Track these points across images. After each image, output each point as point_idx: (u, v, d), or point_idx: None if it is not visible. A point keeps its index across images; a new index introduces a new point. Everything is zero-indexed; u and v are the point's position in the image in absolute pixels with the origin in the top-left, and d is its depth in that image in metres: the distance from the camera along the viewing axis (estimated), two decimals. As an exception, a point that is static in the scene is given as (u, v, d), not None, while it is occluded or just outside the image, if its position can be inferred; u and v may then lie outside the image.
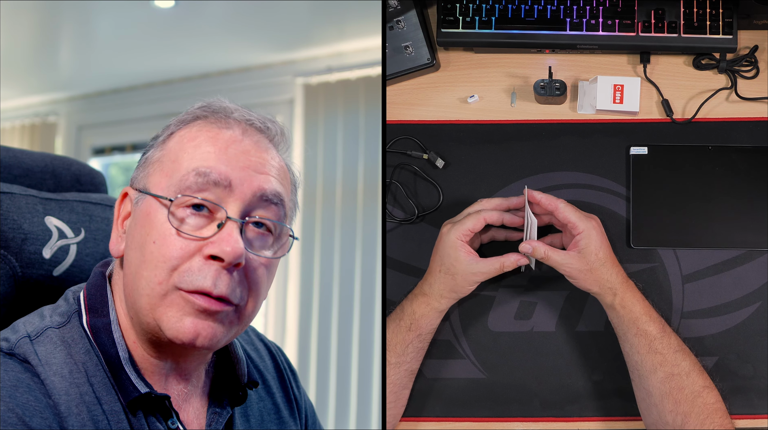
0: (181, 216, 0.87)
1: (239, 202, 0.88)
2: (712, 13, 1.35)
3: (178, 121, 0.95)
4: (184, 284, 0.86)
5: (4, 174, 1.09)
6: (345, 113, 3.41)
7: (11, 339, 0.87)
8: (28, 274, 1.03)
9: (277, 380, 1.11)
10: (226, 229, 0.86)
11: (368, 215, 3.23)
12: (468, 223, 1.21)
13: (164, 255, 0.86)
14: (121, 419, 0.86)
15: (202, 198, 0.87)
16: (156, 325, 0.87)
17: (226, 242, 0.85)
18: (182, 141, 0.92)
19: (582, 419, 1.31)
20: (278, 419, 1.07)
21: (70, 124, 4.49)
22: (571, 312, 1.33)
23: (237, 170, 0.89)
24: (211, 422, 0.95)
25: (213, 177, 0.88)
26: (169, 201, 0.87)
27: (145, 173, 0.93)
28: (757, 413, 1.28)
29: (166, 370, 0.93)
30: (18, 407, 0.79)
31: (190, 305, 0.86)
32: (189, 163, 0.89)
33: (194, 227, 0.87)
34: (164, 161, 0.91)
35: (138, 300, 0.88)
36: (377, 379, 3.18)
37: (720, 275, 1.32)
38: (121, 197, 0.95)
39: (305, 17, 3.13)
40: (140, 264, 0.87)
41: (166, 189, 0.89)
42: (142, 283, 0.87)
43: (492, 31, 1.39)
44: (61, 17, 3.30)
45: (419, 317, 1.24)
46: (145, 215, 0.89)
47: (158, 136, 0.95)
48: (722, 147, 1.36)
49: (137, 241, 0.89)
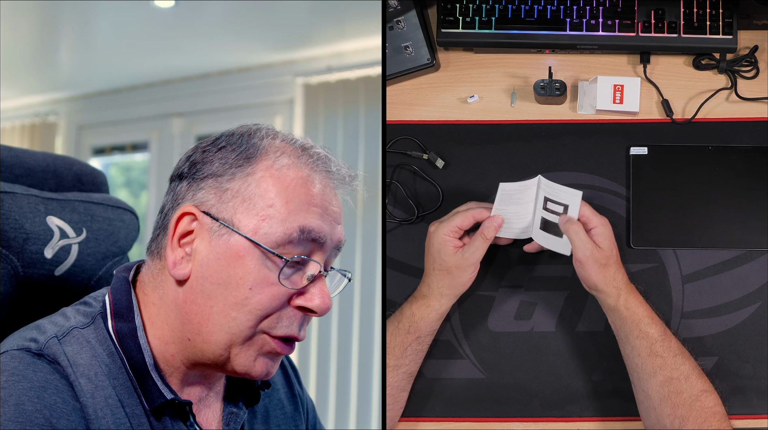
0: (278, 264, 0.89)
1: (324, 254, 0.93)
2: (712, 13, 1.35)
3: (266, 146, 0.92)
4: (274, 331, 0.90)
5: (5, 174, 1.09)
6: (345, 113, 3.41)
7: (40, 340, 0.87)
8: (30, 273, 1.03)
9: (281, 377, 1.12)
10: (319, 283, 0.91)
11: (368, 215, 3.24)
12: (456, 220, 1.22)
13: (262, 303, 0.88)
14: (143, 421, 0.88)
15: (307, 258, 0.90)
16: (226, 358, 0.90)
17: (320, 296, 0.90)
18: (278, 182, 0.90)
19: (582, 419, 1.31)
20: (283, 415, 1.08)
21: (70, 124, 4.49)
22: (571, 312, 1.34)
23: (329, 226, 0.92)
24: (229, 421, 0.98)
25: (314, 235, 0.90)
26: (282, 260, 0.88)
27: (230, 206, 0.90)
28: (757, 413, 1.28)
29: (192, 378, 0.95)
30: (46, 409, 0.81)
31: (269, 348, 0.90)
32: (294, 218, 0.89)
33: (286, 276, 0.90)
34: (255, 200, 0.89)
35: (216, 334, 0.89)
36: (377, 379, 3.19)
37: (720, 275, 1.32)
38: (181, 215, 0.91)
39: (305, 17, 3.13)
40: (229, 305, 0.88)
41: (264, 236, 0.88)
42: (230, 323, 0.88)
43: (492, 31, 1.39)
44: (61, 17, 3.30)
45: (418, 320, 1.24)
46: (236, 256, 0.88)
47: (230, 159, 0.91)
48: (722, 147, 1.36)
49: (223, 278, 0.88)
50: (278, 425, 1.06)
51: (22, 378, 0.82)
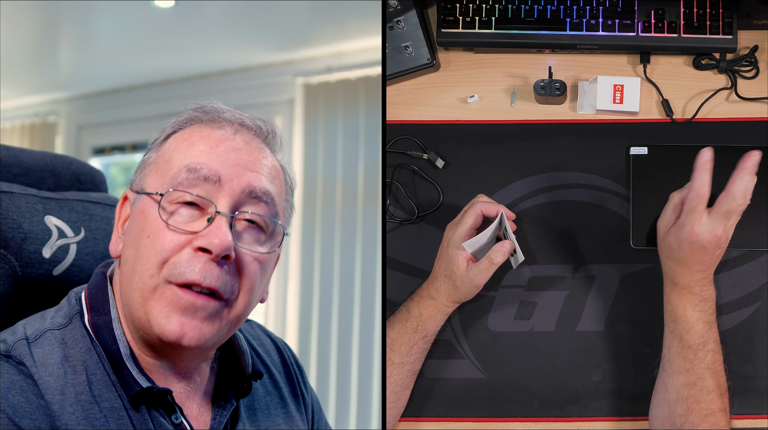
0: (171, 211, 0.90)
1: (228, 197, 0.90)
2: (712, 13, 1.35)
3: (174, 124, 0.98)
4: (174, 277, 0.87)
5: (3, 173, 1.09)
6: (345, 113, 3.41)
7: (8, 341, 0.88)
8: (28, 273, 1.03)
9: (284, 375, 1.12)
10: (215, 223, 0.88)
11: (368, 215, 3.23)
12: (468, 220, 1.22)
13: (156, 248, 0.88)
14: (121, 415, 0.87)
15: (193, 193, 0.90)
16: (146, 320, 0.89)
17: (215, 234, 0.87)
18: (176, 142, 0.95)
19: (582, 419, 1.31)
20: (285, 413, 1.07)
21: (70, 124, 4.49)
22: (571, 312, 1.33)
23: (227, 167, 0.91)
24: (216, 415, 0.96)
25: (203, 173, 0.90)
26: (159, 196, 0.90)
27: (142, 175, 0.96)
28: (757, 413, 1.28)
29: (164, 369, 0.94)
30: (9, 408, 0.81)
31: (177, 300, 0.87)
32: (181, 161, 0.92)
33: (185, 221, 0.89)
34: (159, 162, 0.95)
35: (131, 295, 0.90)
36: (377, 379, 3.19)
37: (720, 275, 1.32)
38: (122, 201, 0.97)
39: (305, 17, 3.13)
40: (135, 259, 0.90)
41: (160, 187, 0.91)
42: (136, 277, 0.89)
43: (492, 31, 1.39)
44: (61, 17, 3.30)
45: (426, 319, 1.24)
46: (140, 213, 0.92)
47: (156, 139, 0.98)
48: (722, 147, 1.36)
49: (133, 238, 0.91)
50: (278, 424, 1.05)
51: None
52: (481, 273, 1.20)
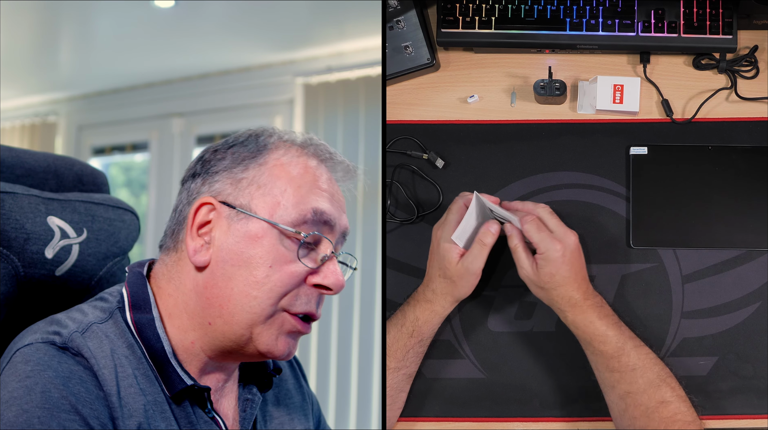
0: (295, 245, 0.95)
1: (334, 238, 0.99)
2: (712, 13, 1.35)
3: (264, 137, 1.00)
4: (293, 308, 0.95)
5: (6, 174, 1.09)
6: (345, 113, 3.41)
7: (63, 333, 0.90)
8: (31, 274, 1.03)
9: (290, 369, 1.15)
10: (333, 264, 0.97)
11: (368, 215, 3.24)
12: (453, 217, 1.22)
13: (281, 281, 0.94)
14: (164, 409, 0.92)
15: (329, 239, 0.97)
16: (248, 338, 0.94)
17: (334, 275, 0.97)
18: (287, 170, 0.97)
19: (582, 419, 1.32)
20: (292, 404, 1.11)
21: (70, 124, 4.49)
22: (571, 312, 1.33)
23: (338, 211, 0.99)
24: (245, 408, 1.02)
25: (326, 217, 0.97)
26: (302, 235, 0.95)
27: (244, 193, 0.96)
28: (757, 413, 1.28)
29: (210, 367, 0.98)
30: (71, 396, 0.85)
31: (289, 326, 0.95)
32: (307, 201, 0.96)
33: (303, 256, 0.96)
34: (268, 185, 0.96)
35: (238, 314, 0.94)
36: (377, 379, 3.19)
37: (720, 275, 1.32)
38: (199, 205, 0.97)
39: (305, 17, 3.13)
40: (249, 284, 0.94)
41: (279, 218, 0.95)
42: (251, 302, 0.93)
43: (492, 31, 1.39)
44: (61, 17, 3.30)
45: (422, 324, 1.24)
46: (254, 238, 0.94)
47: (243, 152, 0.98)
48: (722, 147, 1.36)
49: (242, 259, 0.94)
50: (289, 413, 1.09)
51: (47, 367, 0.86)
52: (476, 258, 1.20)
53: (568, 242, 1.19)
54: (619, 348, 1.19)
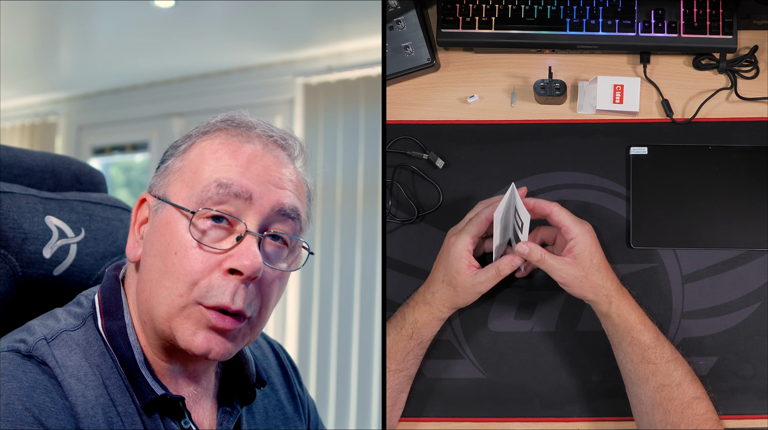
0: (201, 228, 0.89)
1: (258, 215, 0.90)
2: (712, 13, 1.35)
3: (200, 131, 0.96)
4: (204, 300, 0.88)
5: (4, 173, 1.09)
6: (345, 113, 3.41)
7: (29, 341, 0.88)
8: (29, 273, 1.03)
9: (281, 378, 1.12)
10: (246, 242, 0.88)
11: (368, 215, 3.23)
12: (472, 229, 1.20)
13: (186, 268, 0.88)
14: (135, 420, 0.88)
15: (222, 211, 0.89)
16: (171, 334, 0.89)
17: (246, 255, 0.87)
18: (203, 152, 0.93)
19: (582, 419, 1.31)
20: (283, 415, 1.08)
21: (70, 124, 4.49)
22: (571, 312, 1.33)
23: (257, 184, 0.91)
24: (222, 421, 0.97)
25: (234, 189, 0.89)
26: (191, 213, 0.89)
27: (165, 182, 0.94)
28: (757, 413, 1.28)
29: (176, 373, 0.94)
30: (35, 407, 0.81)
31: (206, 320, 0.88)
32: (210, 175, 0.90)
33: (214, 239, 0.89)
34: (185, 171, 0.93)
35: (156, 307, 0.89)
36: (377, 379, 3.19)
37: (720, 275, 1.32)
38: (139, 203, 0.96)
39: (305, 17, 3.13)
40: (161, 273, 0.89)
41: (187, 200, 0.90)
42: (163, 292, 0.89)
43: (492, 31, 1.39)
44: (61, 17, 3.30)
45: (421, 326, 1.24)
46: (165, 224, 0.90)
47: (178, 145, 0.97)
48: (722, 147, 1.36)
49: (157, 249, 0.90)
50: (277, 426, 1.06)
51: (11, 378, 0.83)
52: (486, 282, 1.19)
53: (589, 225, 1.20)
54: (656, 338, 1.19)
